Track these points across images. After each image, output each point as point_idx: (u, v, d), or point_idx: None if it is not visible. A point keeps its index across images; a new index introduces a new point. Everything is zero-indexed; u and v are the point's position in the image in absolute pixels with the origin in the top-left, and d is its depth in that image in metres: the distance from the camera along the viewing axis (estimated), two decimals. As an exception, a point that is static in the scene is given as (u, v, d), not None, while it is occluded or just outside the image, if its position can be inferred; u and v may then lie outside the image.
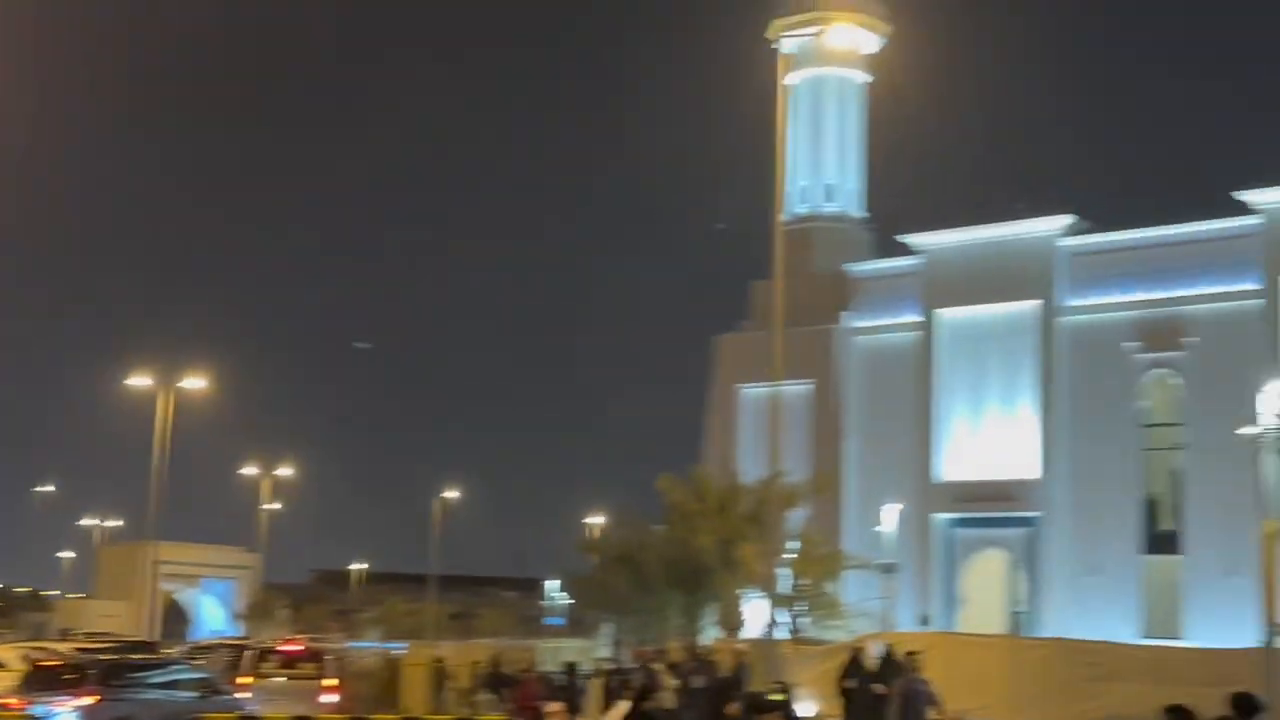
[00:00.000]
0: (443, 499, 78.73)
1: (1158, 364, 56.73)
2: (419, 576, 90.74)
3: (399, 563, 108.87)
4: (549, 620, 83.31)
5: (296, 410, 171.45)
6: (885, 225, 67.18)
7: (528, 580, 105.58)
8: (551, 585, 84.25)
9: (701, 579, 49.85)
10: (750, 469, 53.78)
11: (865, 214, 68.82)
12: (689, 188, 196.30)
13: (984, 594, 58.73)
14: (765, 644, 32.34)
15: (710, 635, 48.74)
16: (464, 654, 47.63)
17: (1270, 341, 51.20)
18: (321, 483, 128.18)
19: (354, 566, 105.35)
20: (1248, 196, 53.89)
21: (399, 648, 57.13)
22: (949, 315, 60.97)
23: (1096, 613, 54.06)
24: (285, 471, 78.38)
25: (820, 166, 67.76)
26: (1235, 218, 54.88)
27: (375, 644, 70.85)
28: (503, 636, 68.42)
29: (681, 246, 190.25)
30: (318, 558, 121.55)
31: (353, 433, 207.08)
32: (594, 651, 51.98)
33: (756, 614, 45.40)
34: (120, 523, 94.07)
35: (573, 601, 71.93)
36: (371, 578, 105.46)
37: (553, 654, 54.01)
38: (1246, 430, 30.97)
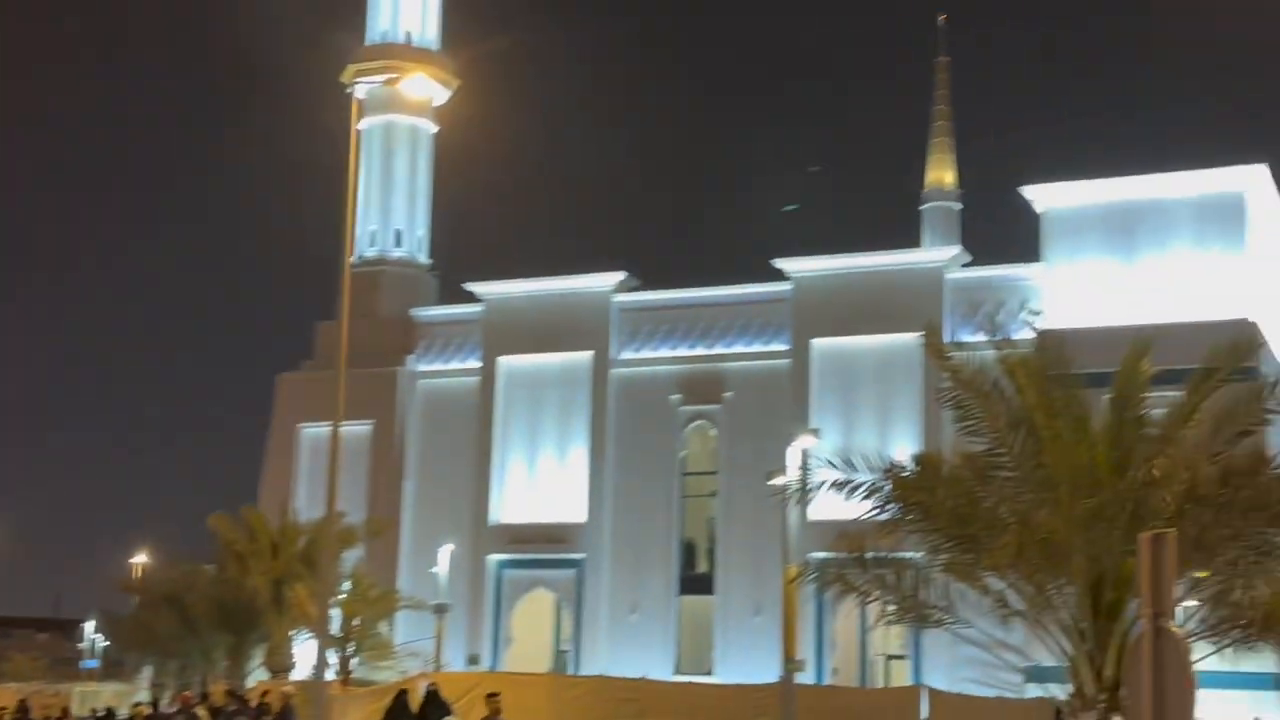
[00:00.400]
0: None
1: (698, 416, 58.89)
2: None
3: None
4: (86, 664, 78.84)
5: None
6: (452, 272, 67.68)
7: (64, 621, 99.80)
8: (89, 627, 79.76)
9: (251, 620, 48.70)
10: (309, 509, 53.15)
11: (432, 261, 69.07)
12: (265, 229, 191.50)
13: (532, 633, 59.43)
14: (313, 685, 31.82)
15: (258, 677, 47.60)
16: (-12, 699, 44.87)
17: (798, 399, 54.44)
18: None
19: None
20: (782, 264, 57.05)
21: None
22: (509, 362, 61.55)
23: (636, 650, 55.41)
24: None
25: (390, 212, 67.60)
26: (771, 283, 57.92)
27: None
28: (32, 680, 64.59)
29: (254, 286, 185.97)
30: None
31: None
32: (133, 696, 49.88)
33: (307, 655, 44.67)
34: None
35: (110, 643, 68.71)
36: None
37: (87, 699, 51.49)
38: (775, 481, 32.54)
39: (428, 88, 65.34)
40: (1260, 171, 50.68)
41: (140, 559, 66.88)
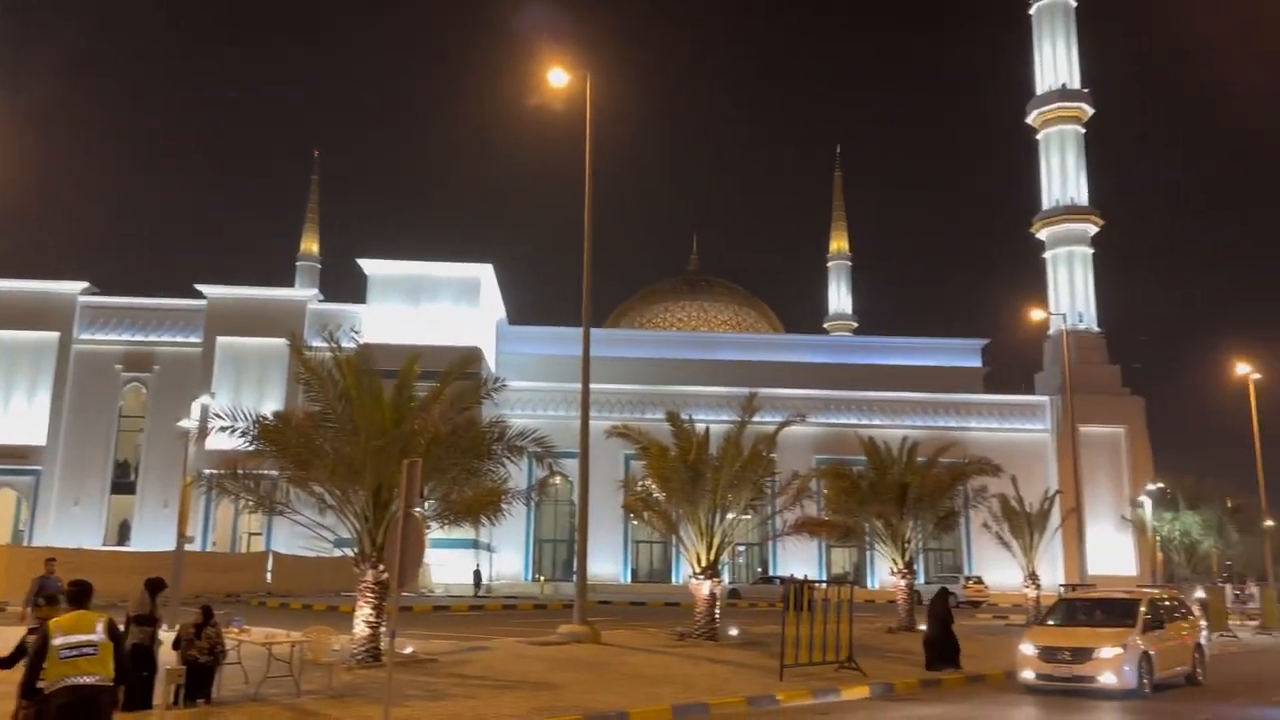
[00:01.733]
0: None
1: (135, 380, 53.11)
2: None
3: None
4: None
5: None
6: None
7: None
8: None
9: None
10: None
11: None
12: None
13: (-2, 521, 50.58)
14: None
15: None
16: None
17: (205, 373, 50.37)
18: None
19: None
20: (203, 287, 52.86)
21: None
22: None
23: (77, 531, 48.99)
24: None
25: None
26: (194, 299, 53.27)
27: None
28: None
29: None
30: None
31: None
32: None
33: None
34: None
35: None
36: None
37: None
38: (183, 424, 30.16)
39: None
40: (488, 268, 54.16)
41: None
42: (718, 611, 21.57)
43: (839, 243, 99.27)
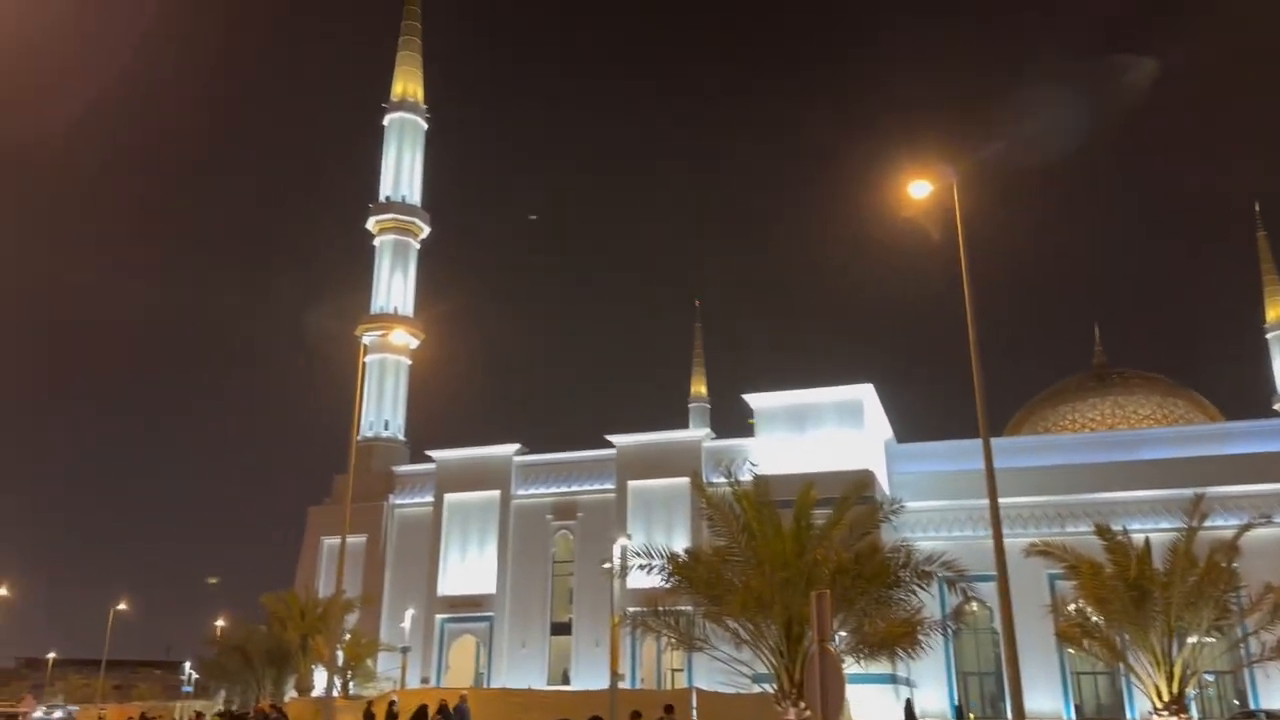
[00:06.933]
0: (116, 609, 67.37)
1: (563, 527, 58.03)
2: (95, 661, 76.76)
3: (82, 650, 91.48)
4: (184, 689, 72.59)
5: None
6: (420, 444, 66.15)
7: (172, 662, 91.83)
8: (188, 665, 73.82)
9: (287, 659, 46.09)
10: (325, 589, 51.19)
11: (406, 437, 67.32)
12: (315, 424, 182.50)
13: (462, 663, 56.92)
14: (325, 700, 29.95)
15: (290, 694, 44.70)
16: (121, 713, 41.84)
17: (620, 516, 54.13)
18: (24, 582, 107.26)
19: (49, 655, 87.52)
20: (611, 437, 57.29)
21: (74, 709, 49.65)
22: (451, 498, 59.93)
23: (525, 671, 53.64)
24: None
25: (381, 409, 65.98)
26: (605, 449, 57.81)
27: (59, 706, 60.91)
28: (152, 700, 59.81)
29: (296, 456, 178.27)
30: (21, 647, 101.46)
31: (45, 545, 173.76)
32: (213, 708, 46.37)
33: (321, 680, 42.30)
34: None
35: (200, 676, 63.86)
36: (60, 662, 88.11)
37: (184, 710, 48.11)
38: (606, 565, 32.33)
39: (405, 339, 65.58)
40: (868, 388, 53.06)
41: (220, 622, 62.36)
42: (1195, 756, 18.20)
43: (1277, 309, 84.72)
